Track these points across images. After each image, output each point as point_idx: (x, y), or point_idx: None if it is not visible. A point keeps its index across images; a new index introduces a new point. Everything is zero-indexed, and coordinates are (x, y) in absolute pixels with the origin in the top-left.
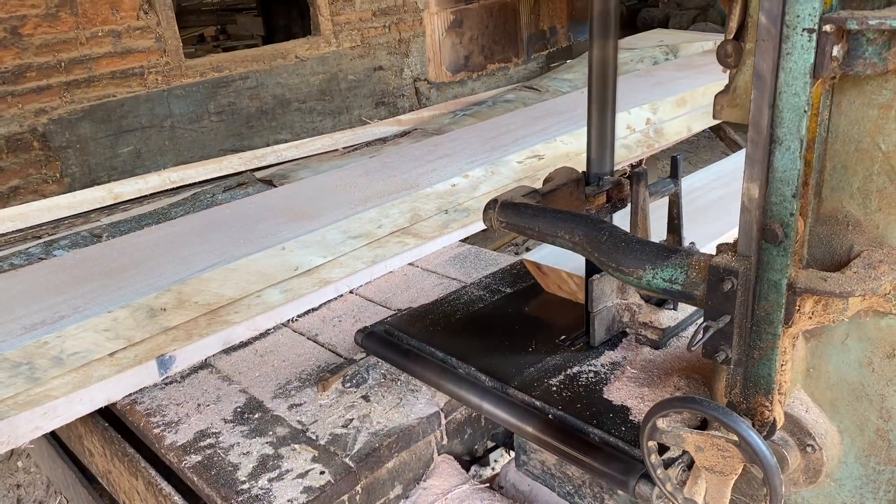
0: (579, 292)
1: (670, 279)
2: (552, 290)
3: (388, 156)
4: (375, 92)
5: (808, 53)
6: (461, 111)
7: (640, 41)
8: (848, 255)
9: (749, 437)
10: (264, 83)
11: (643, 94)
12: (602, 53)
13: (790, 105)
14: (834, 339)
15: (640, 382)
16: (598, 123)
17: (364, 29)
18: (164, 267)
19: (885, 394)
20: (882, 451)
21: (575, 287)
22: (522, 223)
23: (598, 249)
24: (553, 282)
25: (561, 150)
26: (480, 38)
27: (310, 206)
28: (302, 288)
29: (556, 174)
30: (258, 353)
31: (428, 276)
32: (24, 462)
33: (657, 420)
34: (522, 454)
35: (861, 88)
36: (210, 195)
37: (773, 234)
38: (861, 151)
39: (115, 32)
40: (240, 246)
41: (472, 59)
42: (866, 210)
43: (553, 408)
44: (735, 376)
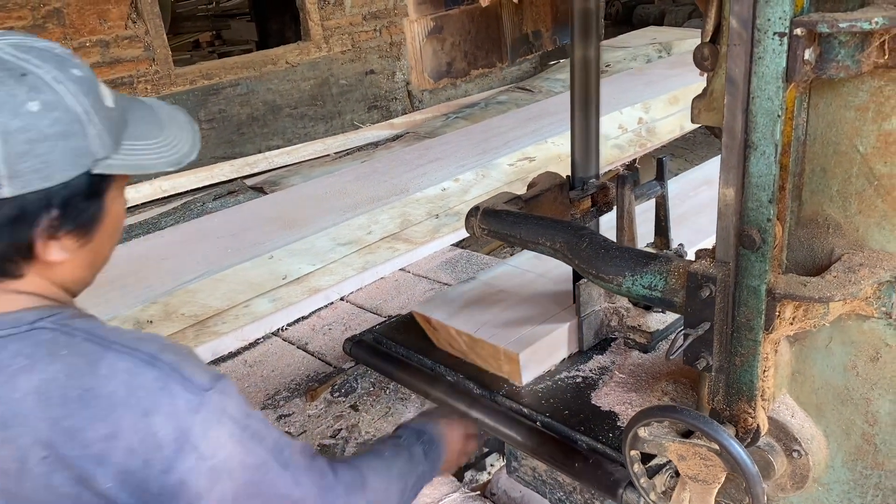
0: (470, 353)
1: (650, 286)
2: (443, 346)
3: (378, 161)
4: (367, 96)
5: (780, 58)
6: (454, 114)
7: (632, 39)
8: (829, 259)
9: (730, 445)
10: (255, 90)
11: (635, 92)
12: (584, 54)
13: (763, 110)
14: (818, 343)
15: (628, 388)
16: (581, 126)
17: (355, 33)
18: (151, 279)
19: (869, 397)
20: (869, 455)
21: (465, 347)
22: (504, 230)
23: (579, 256)
24: (443, 338)
25: (552, 151)
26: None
27: (299, 214)
28: (291, 297)
29: (540, 179)
30: (247, 363)
31: (419, 281)
32: None
33: (639, 429)
34: (514, 461)
35: (837, 91)
36: (200, 203)
37: (750, 240)
38: (839, 154)
39: (103, 42)
40: (228, 256)
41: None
42: (846, 213)
43: (541, 415)
44: (717, 383)
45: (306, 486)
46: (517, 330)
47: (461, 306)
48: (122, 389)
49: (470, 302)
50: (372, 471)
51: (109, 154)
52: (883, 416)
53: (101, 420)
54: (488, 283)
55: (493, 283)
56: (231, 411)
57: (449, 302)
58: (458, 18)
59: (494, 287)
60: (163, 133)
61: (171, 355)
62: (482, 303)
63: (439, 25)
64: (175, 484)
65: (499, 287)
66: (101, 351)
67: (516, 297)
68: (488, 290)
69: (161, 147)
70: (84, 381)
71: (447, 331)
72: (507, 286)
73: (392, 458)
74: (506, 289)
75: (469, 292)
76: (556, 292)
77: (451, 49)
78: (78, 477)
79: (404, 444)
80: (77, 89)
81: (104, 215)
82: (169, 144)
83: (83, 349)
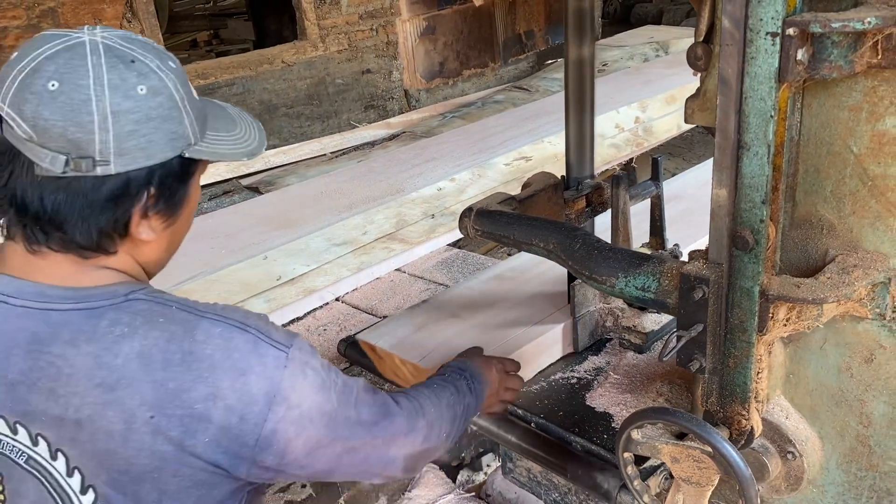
0: (415, 381)
1: (643, 287)
2: (388, 375)
3: (374, 160)
4: (364, 95)
5: (773, 58)
6: (450, 113)
7: (630, 38)
8: (823, 260)
9: (723, 448)
10: (251, 89)
11: (632, 91)
12: (578, 53)
13: (756, 110)
14: (812, 344)
15: (623, 388)
16: (576, 126)
17: (351, 32)
18: None
19: (864, 399)
20: (863, 456)
21: (410, 377)
22: (498, 231)
23: (572, 257)
24: (388, 367)
25: (549, 150)
26: (455, 44)
27: (294, 214)
28: (286, 297)
29: (534, 179)
30: None
31: (415, 281)
32: None
33: (632, 431)
34: (509, 462)
35: (831, 91)
36: None
37: (743, 241)
38: (833, 154)
39: None
40: (222, 256)
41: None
42: (840, 214)
43: (535, 416)
44: (711, 385)
45: (373, 419)
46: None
47: (411, 332)
48: (219, 352)
49: (420, 327)
50: (426, 399)
51: (197, 141)
52: (877, 417)
53: (203, 381)
54: (440, 306)
55: (445, 307)
56: (312, 363)
57: (397, 327)
58: (451, 18)
59: (446, 311)
60: (237, 128)
61: (256, 321)
62: (433, 327)
63: (432, 25)
64: (268, 434)
65: (451, 310)
66: (195, 319)
67: (468, 322)
68: (441, 314)
69: (237, 140)
70: (184, 345)
71: (392, 360)
72: (460, 309)
73: (441, 389)
74: (459, 313)
75: (419, 316)
76: (511, 317)
77: (443, 49)
78: (180, 435)
79: (450, 379)
80: (175, 79)
81: (188, 199)
82: (242, 138)
83: (179, 317)
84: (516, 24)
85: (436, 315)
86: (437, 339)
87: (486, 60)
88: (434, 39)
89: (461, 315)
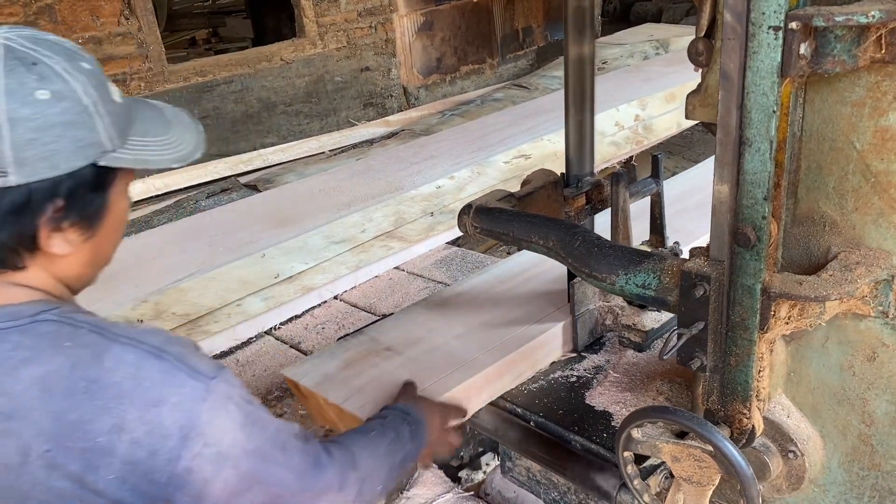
0: (340, 423)
1: (643, 284)
2: (313, 414)
3: (373, 158)
4: (363, 93)
5: (775, 52)
6: (449, 111)
7: (629, 36)
8: (825, 257)
9: (724, 447)
10: (249, 87)
11: (632, 89)
12: (578, 51)
13: (758, 105)
14: (814, 342)
15: (623, 387)
16: (576, 123)
17: (350, 30)
18: (141, 277)
19: (866, 398)
20: (865, 455)
21: (335, 418)
22: (497, 228)
23: (572, 255)
24: (313, 407)
25: (548, 148)
26: (453, 40)
27: (292, 212)
28: (284, 295)
29: (534, 176)
30: (239, 362)
31: (414, 279)
32: None
33: (632, 430)
34: (508, 461)
35: (833, 86)
36: (193, 202)
37: (745, 238)
38: (836, 150)
39: (95, 39)
40: (219, 254)
41: (444, 62)
42: (842, 210)
43: (535, 414)
44: (712, 383)
45: (302, 468)
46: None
47: (338, 368)
48: (128, 381)
49: (349, 363)
50: (362, 449)
51: (116, 148)
52: (880, 416)
53: (108, 411)
54: (375, 338)
55: (379, 339)
56: (235, 398)
57: (324, 362)
58: (449, 14)
59: (381, 343)
60: (168, 132)
61: (176, 347)
62: (362, 364)
63: (429, 21)
64: (182, 472)
65: (386, 343)
66: (106, 343)
67: (402, 357)
68: (374, 346)
69: (166, 144)
70: (89, 372)
71: (316, 400)
72: (396, 342)
73: (379, 436)
74: (393, 346)
75: (349, 350)
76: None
77: (440, 45)
78: (80, 471)
79: (390, 424)
80: (86, 81)
81: (108, 210)
82: (174, 143)
83: (88, 340)
84: (515, 20)
85: (366, 349)
86: (365, 377)
87: (484, 56)
88: (431, 35)
89: (396, 348)
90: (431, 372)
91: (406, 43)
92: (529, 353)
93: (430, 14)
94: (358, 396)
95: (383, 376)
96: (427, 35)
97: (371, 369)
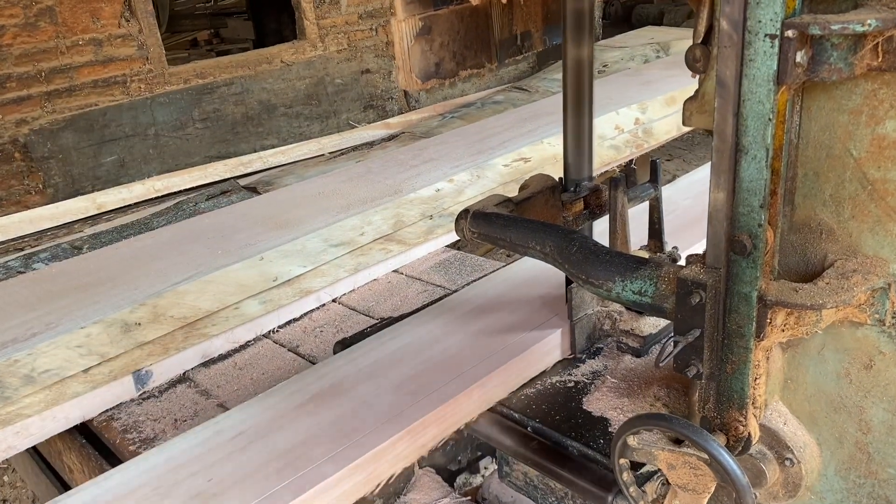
0: None
1: (640, 291)
2: None
3: (372, 161)
4: (363, 95)
5: (772, 60)
6: (450, 113)
7: (630, 39)
8: (822, 265)
9: (719, 455)
10: (249, 89)
11: (632, 93)
12: (577, 53)
13: (754, 113)
14: (810, 350)
15: (621, 392)
16: (574, 128)
17: (350, 32)
18: (139, 280)
19: (863, 405)
20: (862, 463)
21: None
22: (494, 234)
23: (569, 261)
24: None
25: (548, 151)
26: (451, 45)
27: (290, 215)
28: (282, 298)
29: (532, 181)
30: (237, 365)
31: (412, 283)
32: (11, 477)
33: (628, 437)
34: (505, 465)
35: (830, 94)
36: (193, 204)
37: (741, 246)
38: (833, 158)
39: (96, 41)
40: (218, 257)
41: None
42: (839, 218)
43: (531, 420)
44: (708, 391)
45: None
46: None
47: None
48: None
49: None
50: None
51: None
52: (876, 424)
53: None
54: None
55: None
56: None
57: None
58: (447, 18)
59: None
60: None
61: None
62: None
63: (428, 25)
64: None
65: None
66: None
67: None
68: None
69: None
70: None
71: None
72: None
73: None
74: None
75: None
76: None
77: (439, 49)
78: None
79: None
80: None
81: None
82: None
83: None
84: (513, 25)
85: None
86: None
87: (483, 61)
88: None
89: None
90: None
91: (405, 48)
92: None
93: (428, 19)
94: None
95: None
96: (426, 40)
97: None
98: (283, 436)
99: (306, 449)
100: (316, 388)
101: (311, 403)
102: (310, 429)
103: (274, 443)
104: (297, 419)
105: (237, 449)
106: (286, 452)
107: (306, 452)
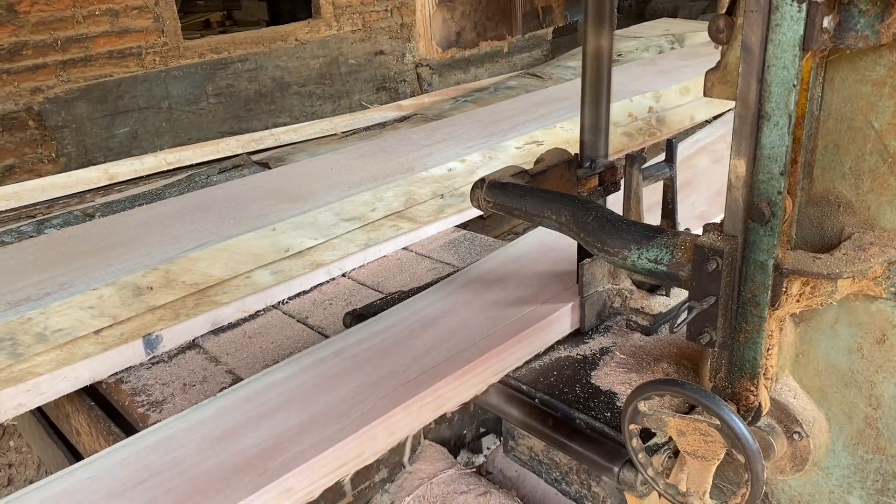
0: None
1: (655, 259)
2: None
3: (385, 139)
4: (376, 77)
5: (798, 24)
6: (462, 97)
7: (645, 30)
8: (839, 238)
9: (731, 420)
10: (264, 66)
11: (646, 81)
12: (597, 41)
13: (779, 79)
14: (823, 323)
15: (629, 368)
16: (591, 112)
17: (365, 13)
18: (152, 246)
19: (874, 381)
20: (871, 439)
21: None
22: (510, 203)
23: (584, 230)
24: None
25: (561, 136)
26: (473, 14)
27: (303, 188)
28: (293, 270)
29: (548, 155)
30: (246, 334)
31: (422, 260)
32: (16, 441)
33: (639, 403)
34: (510, 440)
35: (854, 64)
36: (205, 177)
37: (759, 213)
38: (854, 130)
39: (112, 11)
40: (230, 226)
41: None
42: (858, 191)
43: (539, 392)
44: (720, 359)
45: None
46: None
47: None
48: None
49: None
50: None
51: None
52: (887, 399)
53: None
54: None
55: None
56: None
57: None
58: None
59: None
60: None
61: None
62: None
63: None
64: None
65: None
66: None
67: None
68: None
69: None
70: None
71: None
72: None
73: None
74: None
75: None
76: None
77: (460, 18)
78: None
79: None
80: None
81: None
82: None
83: None
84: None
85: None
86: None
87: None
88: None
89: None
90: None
91: (426, 15)
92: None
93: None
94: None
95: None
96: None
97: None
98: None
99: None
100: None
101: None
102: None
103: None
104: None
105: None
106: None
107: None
